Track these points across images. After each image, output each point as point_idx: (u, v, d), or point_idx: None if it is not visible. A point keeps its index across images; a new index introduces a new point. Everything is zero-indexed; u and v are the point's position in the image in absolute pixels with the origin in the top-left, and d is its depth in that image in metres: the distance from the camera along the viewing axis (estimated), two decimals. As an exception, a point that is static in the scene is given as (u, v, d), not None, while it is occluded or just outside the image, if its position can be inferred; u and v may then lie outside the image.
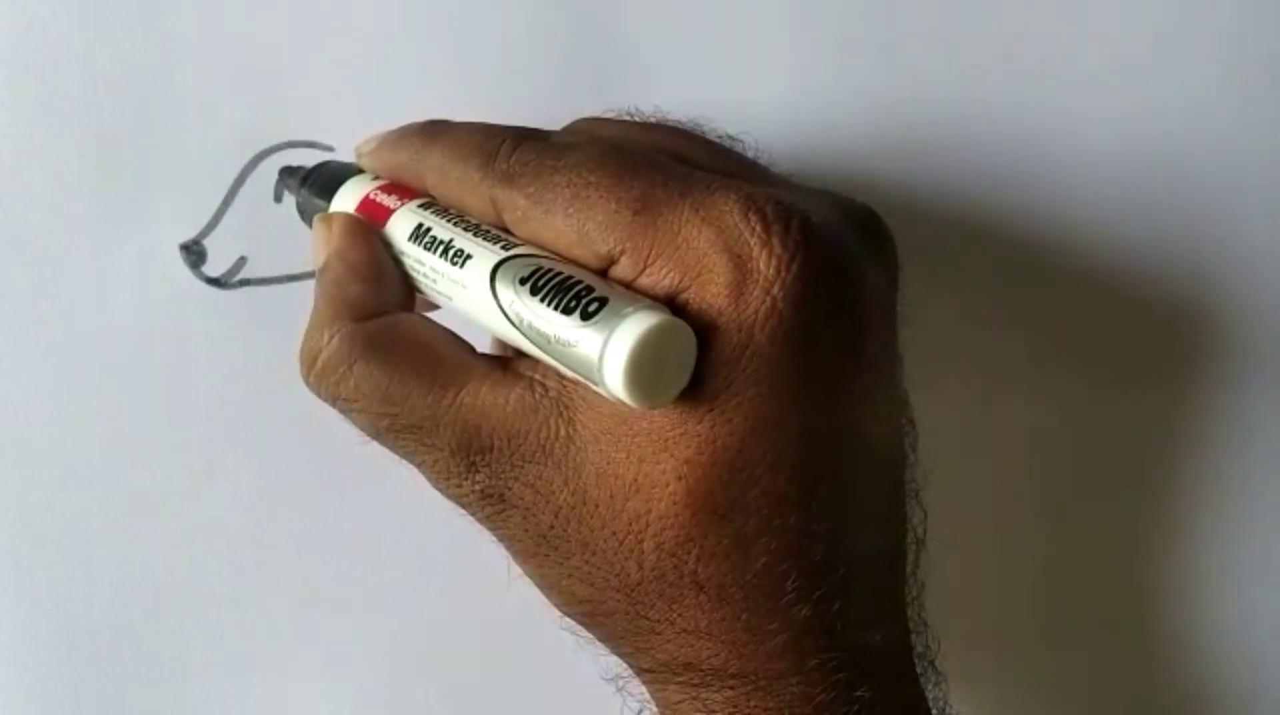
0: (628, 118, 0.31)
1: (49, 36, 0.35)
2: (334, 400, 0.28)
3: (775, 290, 0.24)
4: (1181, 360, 0.37)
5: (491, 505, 0.27)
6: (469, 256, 0.27)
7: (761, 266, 0.24)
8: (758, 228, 0.24)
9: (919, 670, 0.29)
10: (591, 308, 0.24)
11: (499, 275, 0.26)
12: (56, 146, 0.35)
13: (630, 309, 0.24)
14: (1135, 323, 0.37)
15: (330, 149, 0.36)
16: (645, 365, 0.24)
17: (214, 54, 0.35)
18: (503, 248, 0.27)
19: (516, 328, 0.26)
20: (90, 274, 0.36)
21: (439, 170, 0.28)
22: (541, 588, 0.29)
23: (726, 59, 0.36)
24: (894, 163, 0.36)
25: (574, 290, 0.25)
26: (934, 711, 0.29)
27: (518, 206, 0.27)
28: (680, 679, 0.27)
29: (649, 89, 0.35)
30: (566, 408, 0.26)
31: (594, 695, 0.36)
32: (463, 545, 0.36)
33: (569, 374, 0.25)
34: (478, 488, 0.27)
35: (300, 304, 0.36)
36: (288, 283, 0.36)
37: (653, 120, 0.31)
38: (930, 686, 0.29)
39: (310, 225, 0.31)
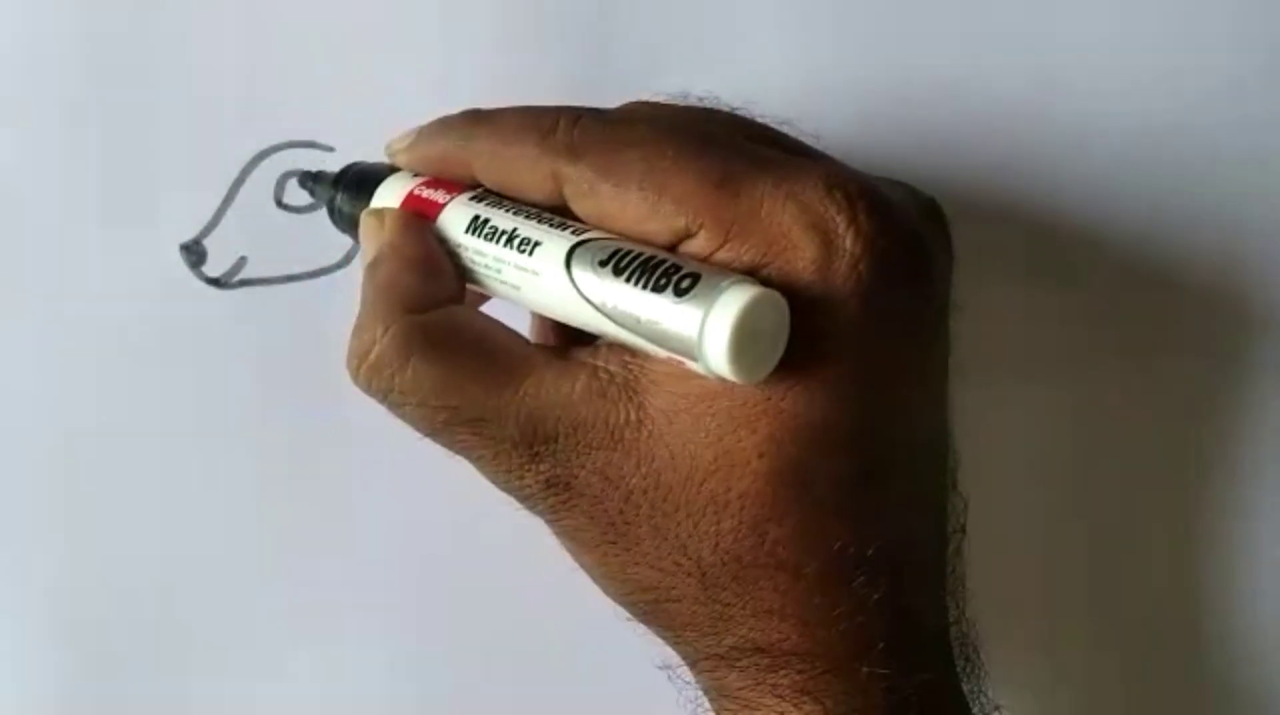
0: (680, 102, 0.31)
1: (49, 36, 0.35)
2: (386, 394, 0.27)
3: (861, 267, 0.24)
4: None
5: (556, 495, 0.27)
6: (538, 243, 0.26)
7: (848, 243, 0.24)
8: (843, 205, 0.25)
9: (962, 658, 0.29)
10: (685, 284, 0.24)
11: (575, 259, 0.25)
12: (56, 146, 0.35)
13: (726, 283, 0.24)
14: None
15: (330, 149, 0.36)
16: (747, 339, 0.23)
17: (214, 54, 0.35)
18: (572, 233, 0.26)
19: (599, 311, 0.25)
20: (90, 274, 0.36)
21: (490, 153, 0.28)
22: (603, 578, 0.28)
23: (728, 54, 0.35)
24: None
25: (661, 268, 0.24)
26: (974, 700, 0.29)
27: (584, 179, 0.26)
28: (745, 663, 0.27)
29: (651, 83, 0.34)
30: (635, 392, 0.26)
31: (594, 695, 0.36)
32: (464, 545, 0.36)
33: (659, 354, 0.25)
34: (542, 477, 0.27)
35: (300, 304, 0.36)
36: (288, 283, 0.36)
37: (706, 105, 0.31)
38: (970, 675, 0.29)
39: (343, 228, 0.31)
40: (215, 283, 0.36)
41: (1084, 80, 0.36)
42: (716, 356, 0.23)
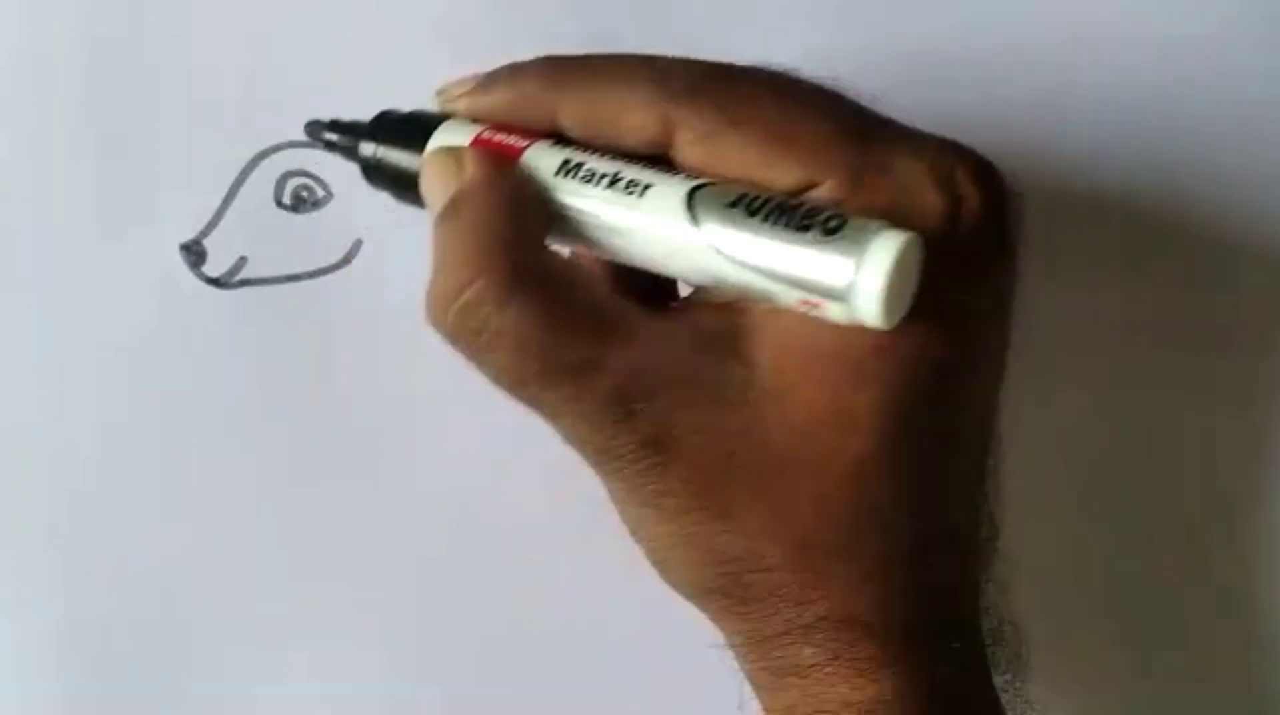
0: None
1: (49, 36, 0.35)
2: (475, 338, 0.25)
3: (984, 226, 0.25)
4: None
5: (651, 456, 0.25)
6: (649, 185, 0.25)
7: (974, 204, 0.25)
8: (970, 168, 0.25)
9: (999, 654, 0.28)
10: (833, 224, 0.23)
11: (698, 201, 0.24)
12: (56, 146, 0.35)
13: (875, 225, 0.23)
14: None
15: (330, 149, 0.36)
16: (898, 284, 0.23)
17: (214, 54, 0.35)
18: (685, 177, 0.25)
19: (721, 255, 0.24)
20: (90, 274, 0.36)
21: (588, 96, 0.26)
22: (680, 548, 0.26)
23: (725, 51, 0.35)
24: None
25: (800, 210, 0.23)
26: (1012, 701, 0.29)
27: (704, 122, 0.25)
28: (823, 635, 0.25)
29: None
30: (742, 347, 0.25)
31: (594, 695, 0.36)
32: (464, 546, 0.36)
33: (789, 300, 0.24)
34: (637, 437, 0.25)
35: (300, 304, 0.36)
36: (288, 283, 0.36)
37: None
38: (1008, 671, 0.29)
39: (380, 183, 0.29)
40: (215, 283, 0.36)
41: (1073, 68, 0.35)
42: (868, 301, 0.22)
